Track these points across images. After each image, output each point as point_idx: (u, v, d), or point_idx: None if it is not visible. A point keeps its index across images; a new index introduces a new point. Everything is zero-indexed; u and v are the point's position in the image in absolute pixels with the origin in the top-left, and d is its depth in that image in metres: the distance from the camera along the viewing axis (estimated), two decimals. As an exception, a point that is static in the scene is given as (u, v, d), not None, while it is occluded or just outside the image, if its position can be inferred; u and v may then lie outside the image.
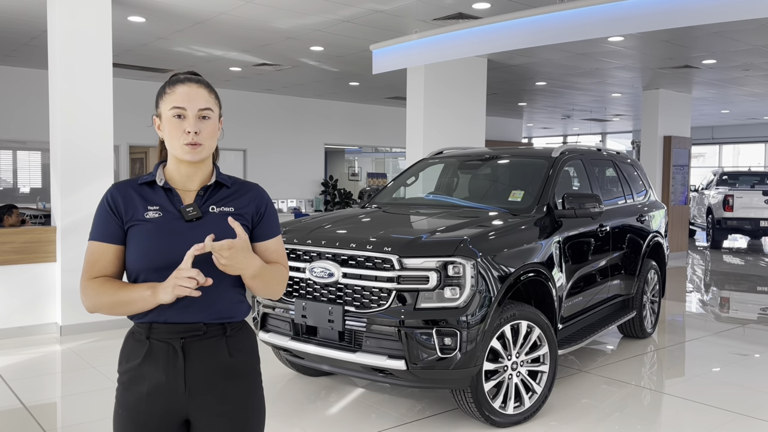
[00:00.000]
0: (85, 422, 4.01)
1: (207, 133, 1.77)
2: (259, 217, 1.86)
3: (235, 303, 1.80)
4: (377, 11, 6.92)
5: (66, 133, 6.02)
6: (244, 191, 1.87)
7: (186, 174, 1.81)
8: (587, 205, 4.48)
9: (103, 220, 1.77)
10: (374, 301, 3.67)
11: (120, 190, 1.80)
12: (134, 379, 1.75)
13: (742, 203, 13.20)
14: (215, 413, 1.76)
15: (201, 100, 1.76)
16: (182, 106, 1.74)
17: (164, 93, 1.79)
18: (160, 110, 1.79)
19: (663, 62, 9.61)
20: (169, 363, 1.73)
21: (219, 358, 1.77)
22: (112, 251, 1.76)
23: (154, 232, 1.73)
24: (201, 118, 1.76)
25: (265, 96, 13.36)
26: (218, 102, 1.84)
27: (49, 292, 6.12)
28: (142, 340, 1.75)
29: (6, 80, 10.45)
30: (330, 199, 14.47)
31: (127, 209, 1.76)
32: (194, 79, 1.80)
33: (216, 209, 1.80)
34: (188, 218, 1.76)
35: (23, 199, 10.78)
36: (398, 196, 5.51)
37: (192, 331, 1.74)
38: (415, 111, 8.87)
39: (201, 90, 1.78)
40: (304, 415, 4.14)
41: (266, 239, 1.87)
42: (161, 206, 1.77)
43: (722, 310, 8.03)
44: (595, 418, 4.11)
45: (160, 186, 1.80)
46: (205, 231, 1.72)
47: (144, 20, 7.41)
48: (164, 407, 1.73)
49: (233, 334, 1.80)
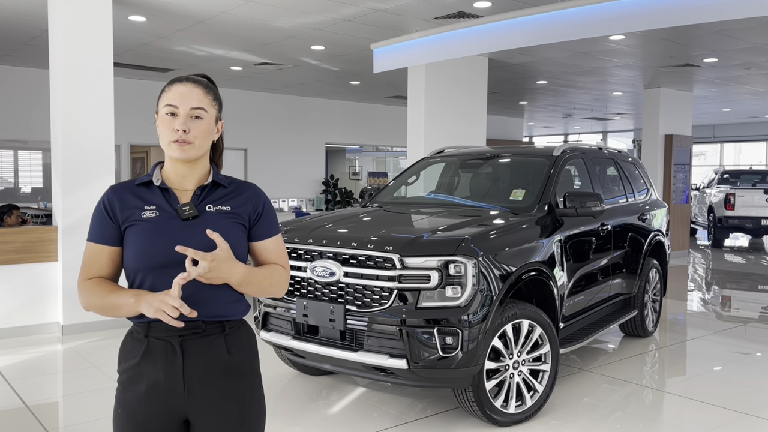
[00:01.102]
0: (87, 421, 4.01)
1: (197, 133, 1.77)
2: (256, 216, 1.86)
3: (232, 302, 1.80)
4: (378, 10, 6.92)
5: (67, 133, 6.02)
6: (241, 191, 1.87)
7: (182, 173, 1.82)
8: (588, 203, 4.48)
9: (99, 222, 1.80)
10: (375, 300, 3.67)
11: (116, 192, 1.81)
12: (133, 378, 1.75)
13: (744, 202, 13.19)
14: (214, 412, 1.76)
15: (194, 100, 1.78)
16: (174, 104, 1.77)
17: (163, 91, 1.82)
18: (158, 108, 1.82)
19: (664, 61, 9.60)
20: (168, 361, 1.73)
21: (218, 356, 1.77)
22: (108, 252, 1.78)
23: (151, 231, 1.74)
24: (193, 118, 1.78)
25: (266, 95, 13.36)
26: (217, 104, 1.85)
27: (51, 291, 6.12)
28: (140, 339, 1.76)
29: (7, 80, 10.46)
30: (331, 199, 14.47)
31: (123, 211, 1.78)
32: (192, 79, 1.82)
33: (213, 208, 1.81)
34: (185, 217, 1.76)
35: (24, 199, 10.79)
36: (399, 195, 5.51)
37: (190, 330, 1.74)
38: (416, 110, 8.86)
39: (196, 90, 1.79)
40: (306, 414, 4.14)
41: (264, 238, 1.88)
42: (158, 206, 1.78)
43: (723, 309, 8.03)
44: (596, 417, 4.11)
45: (157, 186, 1.81)
46: (201, 230, 1.73)
47: (145, 19, 7.41)
48: (163, 406, 1.74)
49: (232, 333, 1.80)
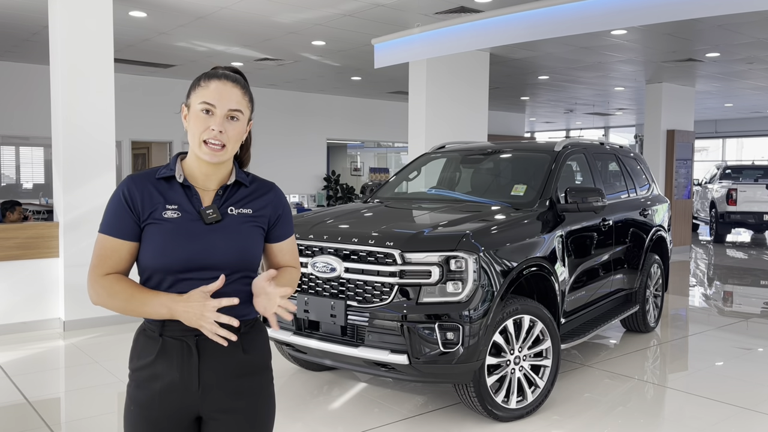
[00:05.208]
0: (89, 417, 4.02)
1: (232, 135, 1.71)
2: (276, 218, 1.85)
3: (247, 301, 1.77)
4: (379, 5, 6.90)
5: (68, 129, 6.02)
6: (262, 192, 1.84)
7: (206, 173, 1.76)
8: (590, 199, 4.47)
9: (117, 214, 1.71)
10: (376, 295, 3.66)
11: (137, 183, 1.72)
12: (147, 377, 1.73)
13: (746, 197, 13.17)
14: (228, 410, 1.76)
15: (233, 101, 1.70)
16: (213, 102, 1.69)
17: (198, 85, 1.72)
18: (190, 101, 1.74)
19: (666, 56, 9.57)
20: (184, 361, 1.71)
21: (234, 355, 1.75)
22: (126, 248, 1.71)
23: (173, 232, 1.69)
24: (229, 118, 1.71)
25: (268, 91, 13.35)
26: (251, 105, 1.78)
27: (52, 287, 6.13)
28: (154, 338, 1.73)
29: (8, 76, 10.45)
30: (332, 194, 14.47)
31: (145, 206, 1.70)
32: (231, 77, 1.73)
33: (235, 211, 1.77)
34: (208, 221, 1.72)
35: (26, 195, 10.80)
36: (400, 191, 5.50)
37: None
38: (418, 105, 8.84)
39: (235, 89, 1.72)
40: (307, 409, 4.14)
41: (281, 240, 1.88)
42: (180, 205, 1.72)
43: (725, 305, 8.02)
44: (598, 412, 4.11)
45: (179, 182, 1.75)
46: (224, 234, 1.71)
47: (145, 15, 7.40)
48: (177, 405, 1.72)
49: (247, 331, 1.79)
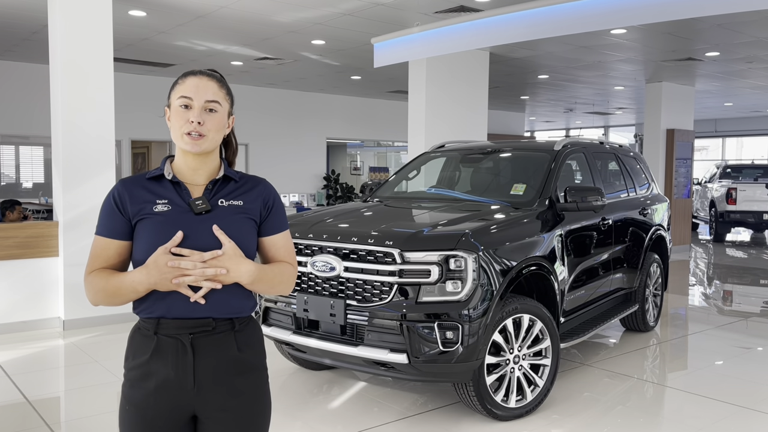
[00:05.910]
0: (88, 416, 4.02)
1: (211, 126, 1.77)
2: (267, 211, 1.86)
3: (242, 298, 1.79)
4: (378, 4, 6.90)
5: (67, 128, 6.01)
6: (252, 186, 1.87)
7: (193, 167, 1.81)
8: (589, 198, 4.47)
9: (108, 215, 1.78)
10: (376, 294, 3.66)
11: (126, 186, 1.79)
12: (142, 375, 1.74)
13: (746, 196, 13.17)
14: (223, 408, 1.76)
15: (209, 93, 1.77)
16: (189, 95, 1.76)
17: (176, 84, 1.81)
18: (170, 100, 1.81)
19: (666, 55, 9.57)
20: (179, 359, 1.72)
21: (228, 353, 1.77)
22: (115, 246, 1.77)
23: (164, 224, 1.72)
24: (207, 111, 1.77)
25: (267, 90, 13.35)
26: (230, 98, 1.85)
27: (52, 286, 6.13)
28: (149, 336, 1.74)
29: (7, 75, 10.45)
30: (332, 194, 14.47)
31: (134, 205, 1.76)
32: (206, 73, 1.81)
33: (225, 203, 1.80)
34: (197, 211, 1.75)
35: (26, 194, 10.80)
36: (400, 190, 5.50)
37: (201, 327, 1.74)
38: (417, 105, 8.84)
39: (211, 83, 1.79)
40: (307, 408, 4.14)
41: (273, 234, 1.88)
42: (170, 199, 1.77)
43: (725, 304, 8.02)
44: (597, 412, 4.12)
45: (168, 179, 1.80)
46: (214, 224, 1.73)
47: (145, 14, 7.40)
48: (172, 403, 1.73)
49: (241, 329, 1.80)
